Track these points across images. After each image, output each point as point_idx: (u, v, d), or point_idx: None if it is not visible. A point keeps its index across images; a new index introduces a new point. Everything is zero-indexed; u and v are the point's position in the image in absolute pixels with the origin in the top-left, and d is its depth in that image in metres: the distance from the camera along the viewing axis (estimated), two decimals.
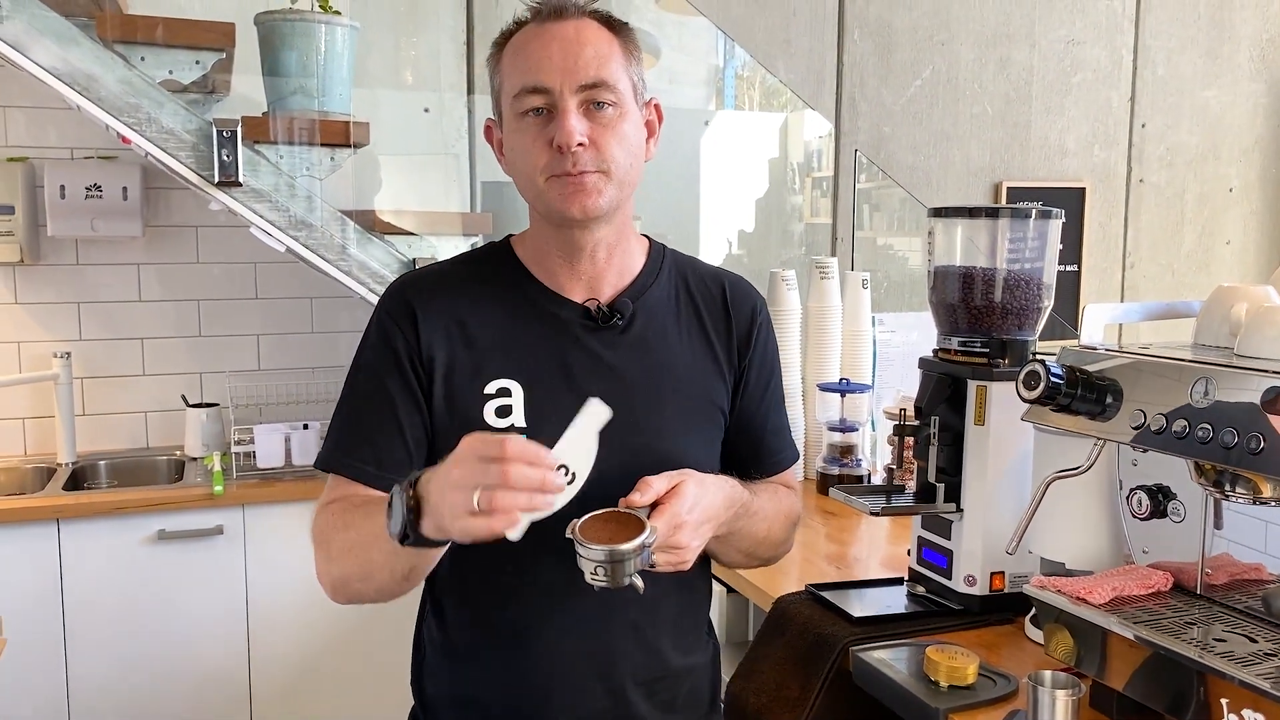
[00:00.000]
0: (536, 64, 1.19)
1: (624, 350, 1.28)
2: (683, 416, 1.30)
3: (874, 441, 2.69)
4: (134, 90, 2.44)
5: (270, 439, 2.90)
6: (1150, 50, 3.77)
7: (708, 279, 1.38)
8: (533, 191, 1.23)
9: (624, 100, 1.22)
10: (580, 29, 1.21)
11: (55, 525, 2.63)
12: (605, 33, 1.23)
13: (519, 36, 1.23)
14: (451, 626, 1.31)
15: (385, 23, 3.36)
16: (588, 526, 1.10)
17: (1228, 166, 3.94)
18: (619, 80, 1.21)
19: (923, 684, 1.40)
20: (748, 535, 1.30)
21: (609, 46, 1.22)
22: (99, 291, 3.14)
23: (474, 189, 3.47)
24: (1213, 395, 1.21)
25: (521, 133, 1.21)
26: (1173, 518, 1.37)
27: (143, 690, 2.73)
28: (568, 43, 1.19)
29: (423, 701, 1.37)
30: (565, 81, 1.18)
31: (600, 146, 1.19)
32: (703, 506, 1.15)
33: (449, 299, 1.28)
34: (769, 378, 1.39)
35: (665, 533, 1.10)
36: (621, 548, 1.06)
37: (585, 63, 1.19)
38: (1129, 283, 3.86)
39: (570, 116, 1.18)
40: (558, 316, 1.28)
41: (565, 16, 1.21)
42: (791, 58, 3.35)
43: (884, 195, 3.64)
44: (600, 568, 1.07)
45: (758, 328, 1.37)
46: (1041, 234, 1.68)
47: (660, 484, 1.12)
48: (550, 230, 1.27)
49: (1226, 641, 1.22)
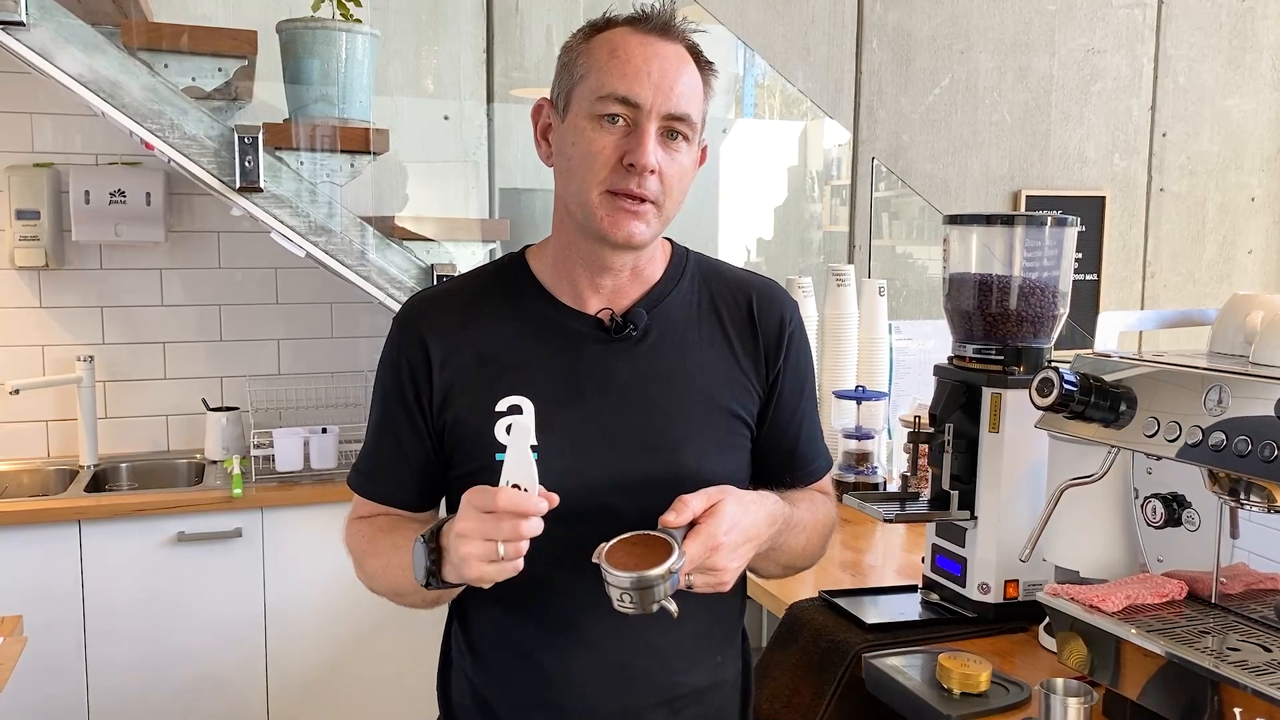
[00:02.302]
0: (635, 74, 1.16)
1: (639, 361, 1.25)
2: (702, 427, 1.26)
3: (889, 449, 2.69)
4: (158, 97, 2.47)
5: (289, 443, 2.93)
6: (1171, 59, 3.76)
7: (733, 287, 1.33)
8: (579, 199, 1.19)
9: (694, 138, 1.21)
10: (680, 55, 1.19)
11: (77, 526, 2.66)
12: (696, 66, 1.21)
13: (617, 35, 1.19)
14: (475, 636, 1.32)
15: (406, 31, 3.39)
16: (615, 551, 1.07)
17: (1249, 176, 3.92)
18: (698, 118, 1.21)
19: (935, 691, 1.40)
20: (787, 550, 1.27)
21: (698, 81, 1.21)
22: (122, 296, 3.17)
23: (493, 195, 3.49)
24: (1227, 403, 1.20)
25: (592, 136, 1.17)
26: (1187, 526, 1.37)
27: (161, 690, 2.75)
28: (668, 64, 1.17)
29: (448, 709, 1.37)
30: (657, 103, 1.16)
31: (665, 178, 1.18)
32: (742, 527, 1.12)
33: (460, 317, 1.27)
34: (802, 387, 1.35)
35: (701, 555, 1.07)
36: (647, 574, 1.03)
37: (680, 92, 1.17)
38: (1149, 292, 3.83)
39: (650, 138, 1.15)
40: (570, 330, 1.25)
41: (670, 36, 1.19)
42: (810, 66, 3.36)
43: (902, 203, 3.64)
44: (626, 594, 1.04)
45: (788, 337, 1.32)
46: (1058, 242, 1.68)
47: (697, 503, 1.10)
48: (579, 240, 1.23)
49: (1240, 651, 1.21)
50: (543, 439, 1.18)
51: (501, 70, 3.44)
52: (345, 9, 2.73)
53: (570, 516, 1.13)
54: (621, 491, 1.19)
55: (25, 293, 3.09)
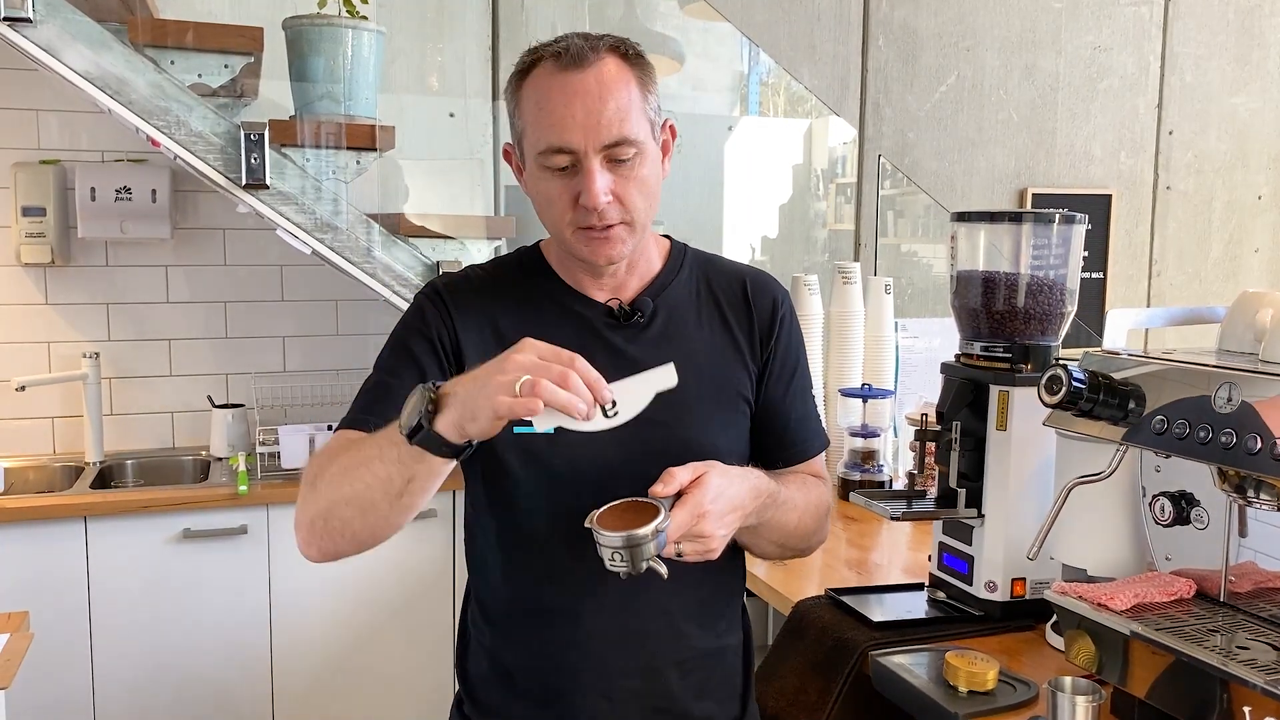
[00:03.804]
0: (560, 123, 1.19)
1: (646, 345, 1.32)
2: (706, 406, 1.33)
3: (896, 447, 2.68)
4: (164, 94, 2.47)
5: (295, 440, 2.93)
6: (1178, 57, 3.75)
7: (729, 274, 1.41)
8: (556, 235, 1.28)
9: (644, 146, 1.23)
10: (600, 77, 1.20)
11: (83, 523, 2.66)
12: (625, 72, 1.22)
13: (540, 79, 1.22)
14: (493, 610, 1.36)
15: (412, 29, 3.39)
16: (606, 516, 1.14)
17: (1256, 174, 3.91)
18: (639, 130, 1.22)
19: (942, 689, 1.40)
20: (778, 526, 1.32)
21: (628, 93, 1.21)
22: (127, 293, 3.18)
23: (498, 193, 3.49)
24: (1236, 400, 1.20)
25: (546, 184, 1.24)
26: (1196, 524, 1.36)
27: (166, 687, 2.75)
28: (590, 98, 1.19)
29: (465, 682, 1.41)
30: (589, 141, 1.19)
31: (624, 199, 1.23)
32: (727, 497, 1.17)
33: (483, 299, 1.34)
34: (794, 366, 1.41)
35: (688, 522, 1.13)
36: (635, 533, 1.09)
37: (608, 121, 1.19)
38: (1155, 290, 3.83)
39: (595, 177, 1.19)
40: (582, 315, 1.33)
41: (585, 65, 1.20)
42: (816, 63, 3.35)
43: (908, 201, 3.64)
44: (617, 553, 1.10)
45: (780, 319, 1.39)
46: (1065, 239, 1.68)
47: (684, 475, 1.15)
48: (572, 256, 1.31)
49: (1249, 649, 1.21)
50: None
51: (507, 67, 3.43)
52: (352, 6, 2.73)
53: (586, 488, 1.20)
54: (634, 464, 1.22)
55: (31, 289, 3.09)
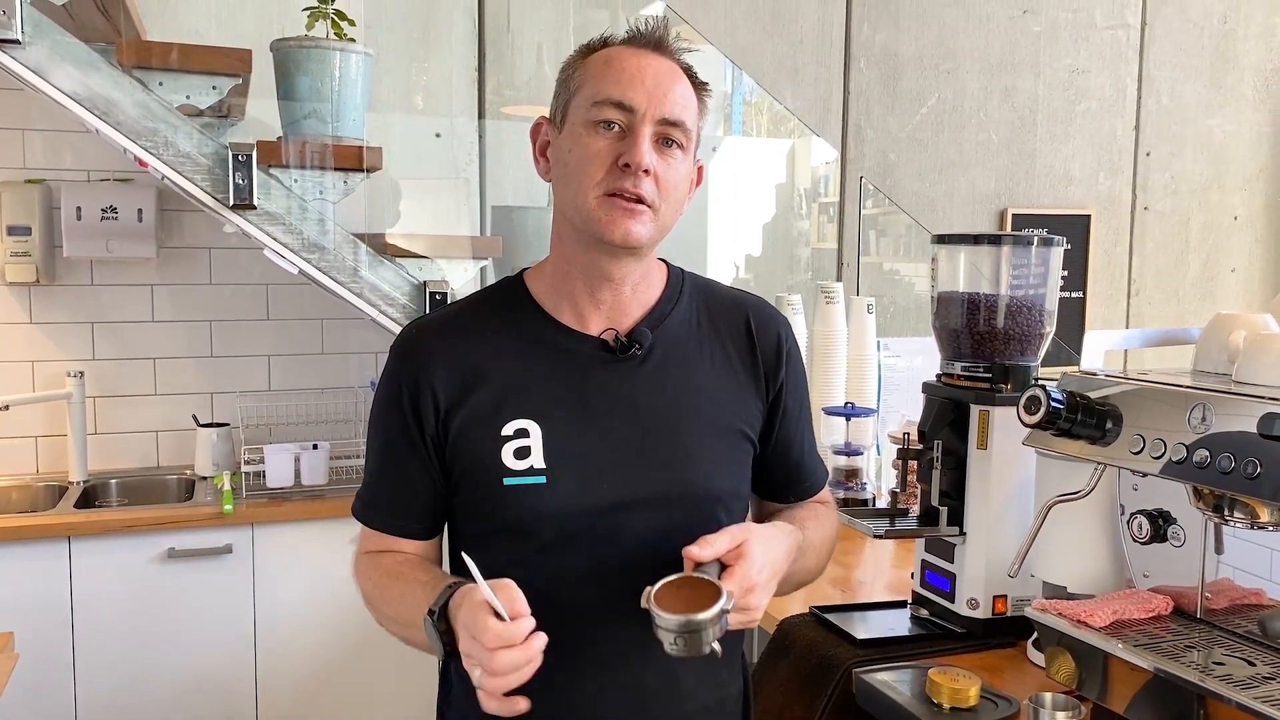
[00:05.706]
0: (629, 81, 1.19)
1: (644, 381, 1.26)
2: (708, 443, 1.27)
3: (879, 465, 2.70)
4: (151, 115, 2.48)
5: (280, 459, 2.93)
6: (1154, 80, 3.81)
7: (729, 304, 1.36)
8: (576, 204, 1.20)
9: (689, 148, 1.24)
10: (674, 69, 1.23)
11: (66, 543, 2.65)
12: (690, 84, 1.25)
13: (611, 50, 1.23)
14: None
15: (398, 49, 3.41)
16: (663, 595, 1.06)
17: (1232, 195, 3.97)
18: (692, 128, 1.23)
19: (925, 706, 1.41)
20: (801, 572, 1.31)
21: (692, 95, 1.24)
22: (112, 312, 3.17)
23: (484, 213, 3.50)
24: (1210, 421, 1.22)
25: (588, 142, 1.19)
26: (1173, 542, 1.39)
27: (151, 707, 2.74)
28: (661, 74, 1.21)
29: None
30: (651, 108, 1.18)
31: (660, 182, 1.19)
32: (770, 564, 1.15)
33: (460, 343, 1.26)
34: (801, 402, 1.39)
35: (738, 596, 1.09)
36: (698, 617, 1.03)
37: (674, 100, 1.20)
38: (1134, 310, 3.87)
39: (644, 140, 1.18)
40: (574, 351, 1.25)
41: (663, 52, 1.23)
42: (799, 85, 3.39)
43: (890, 221, 3.67)
44: (679, 638, 1.04)
45: (785, 354, 1.36)
46: (1044, 261, 1.71)
47: (722, 543, 1.11)
48: (578, 253, 1.24)
49: (1226, 665, 1.23)
50: (552, 461, 1.20)
51: (493, 88, 3.46)
52: (339, 29, 2.75)
53: (582, 537, 1.15)
54: (632, 510, 1.20)
55: (16, 308, 3.09)
